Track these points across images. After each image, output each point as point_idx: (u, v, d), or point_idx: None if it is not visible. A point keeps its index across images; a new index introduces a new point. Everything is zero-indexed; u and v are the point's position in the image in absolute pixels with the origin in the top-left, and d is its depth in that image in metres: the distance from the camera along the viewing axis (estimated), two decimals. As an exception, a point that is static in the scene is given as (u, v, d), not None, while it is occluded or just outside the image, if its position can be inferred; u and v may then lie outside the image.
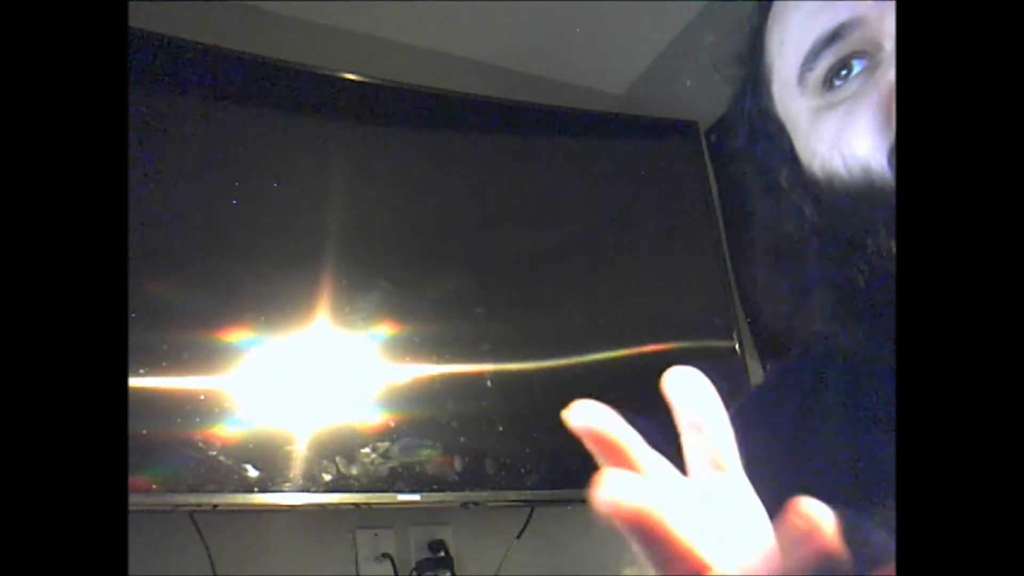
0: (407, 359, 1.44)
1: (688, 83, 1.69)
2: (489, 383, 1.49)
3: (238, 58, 1.45)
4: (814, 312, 0.49)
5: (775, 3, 0.55)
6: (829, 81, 0.49)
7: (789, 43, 0.52)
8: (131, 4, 0.54)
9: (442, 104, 1.65)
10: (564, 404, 0.33)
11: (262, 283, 1.37)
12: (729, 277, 1.76)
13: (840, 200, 0.47)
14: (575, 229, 1.71)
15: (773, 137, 0.55)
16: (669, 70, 1.93)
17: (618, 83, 2.01)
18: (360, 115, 1.56)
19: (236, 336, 1.32)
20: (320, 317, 1.39)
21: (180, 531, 1.31)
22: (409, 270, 1.50)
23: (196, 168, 1.38)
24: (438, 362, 1.46)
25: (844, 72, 0.48)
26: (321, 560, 1.44)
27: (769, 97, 0.55)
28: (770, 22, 0.55)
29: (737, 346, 1.71)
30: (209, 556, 1.32)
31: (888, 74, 0.45)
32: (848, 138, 0.47)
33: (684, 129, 1.88)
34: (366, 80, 1.57)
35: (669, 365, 0.33)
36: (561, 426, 0.32)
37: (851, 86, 0.48)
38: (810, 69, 0.50)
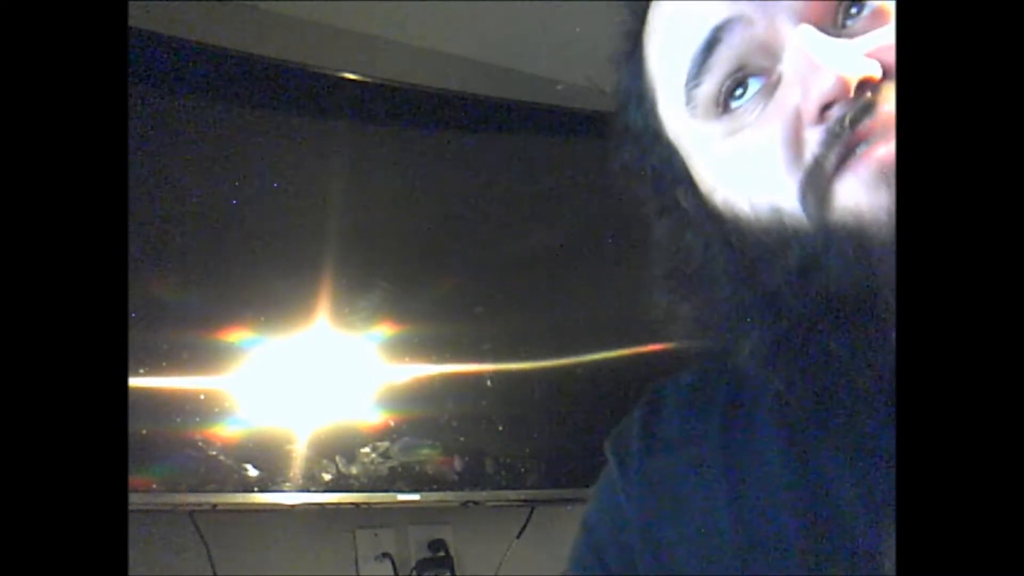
0: (407, 359, 1.44)
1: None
2: (489, 383, 1.49)
3: (238, 58, 1.45)
4: (730, 347, 0.44)
5: (652, 2, 0.47)
6: (724, 102, 0.43)
7: (669, 56, 0.45)
8: (131, 4, 0.54)
9: (442, 104, 1.65)
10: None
11: (262, 283, 1.37)
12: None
13: (749, 244, 0.42)
14: (575, 228, 1.71)
15: (666, 159, 0.48)
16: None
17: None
18: (360, 115, 1.56)
19: (236, 336, 1.32)
20: (320, 317, 1.39)
21: (180, 531, 1.31)
22: (409, 270, 1.50)
23: (196, 168, 1.38)
24: (438, 362, 1.46)
25: (739, 92, 0.42)
26: (321, 560, 1.44)
27: (656, 117, 0.48)
28: (649, 29, 0.48)
29: (737, 346, 1.71)
30: (209, 556, 1.32)
31: (791, 96, 0.40)
32: (753, 174, 0.41)
33: (684, 129, 1.88)
34: (366, 80, 1.57)
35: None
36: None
37: (750, 109, 0.42)
38: (696, 86, 0.43)
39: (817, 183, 0.39)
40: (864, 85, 0.38)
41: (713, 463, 0.49)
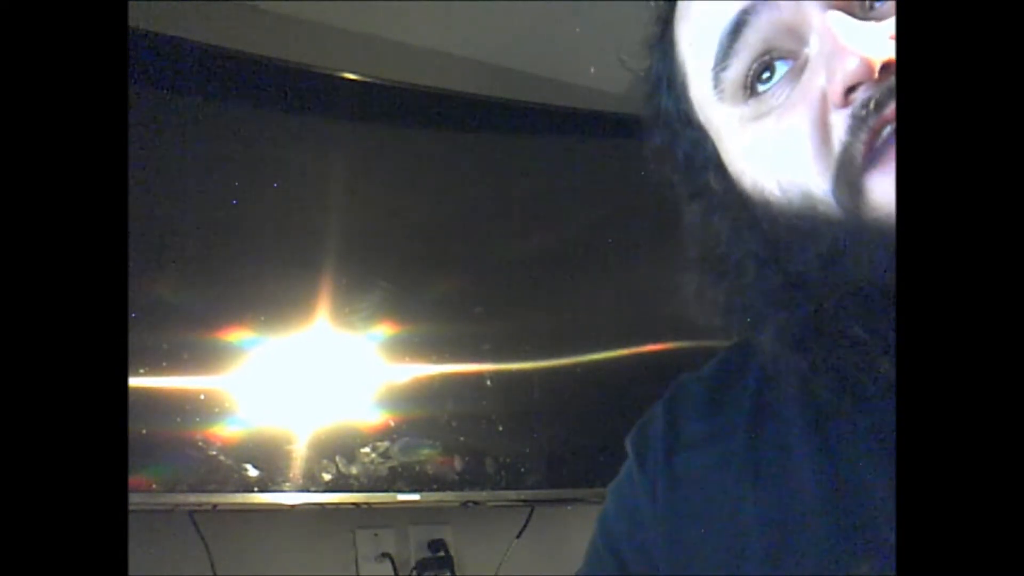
0: (407, 359, 1.44)
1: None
2: (489, 383, 1.49)
3: (238, 58, 1.45)
4: (755, 330, 0.45)
5: None
6: (751, 86, 0.43)
7: (697, 40, 0.46)
8: (131, 4, 0.54)
9: (442, 104, 1.65)
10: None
11: (262, 283, 1.37)
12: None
13: (779, 228, 0.42)
14: (575, 228, 1.70)
15: (696, 142, 0.49)
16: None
17: (618, 83, 2.01)
18: (360, 115, 1.56)
19: (236, 336, 1.32)
20: (320, 317, 1.39)
21: (180, 531, 1.31)
22: (409, 270, 1.50)
23: (196, 168, 1.38)
24: (438, 362, 1.46)
25: (767, 75, 0.43)
26: (321, 560, 1.44)
27: (687, 101, 0.49)
28: (679, 14, 0.49)
29: (737, 346, 1.71)
30: (209, 556, 1.32)
31: (817, 79, 0.40)
32: (782, 158, 0.42)
33: (684, 129, 1.87)
34: (366, 80, 1.57)
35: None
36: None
37: (777, 93, 0.42)
38: (723, 69, 0.44)
39: (848, 174, 0.39)
40: (889, 67, 0.38)
41: (739, 460, 0.48)
